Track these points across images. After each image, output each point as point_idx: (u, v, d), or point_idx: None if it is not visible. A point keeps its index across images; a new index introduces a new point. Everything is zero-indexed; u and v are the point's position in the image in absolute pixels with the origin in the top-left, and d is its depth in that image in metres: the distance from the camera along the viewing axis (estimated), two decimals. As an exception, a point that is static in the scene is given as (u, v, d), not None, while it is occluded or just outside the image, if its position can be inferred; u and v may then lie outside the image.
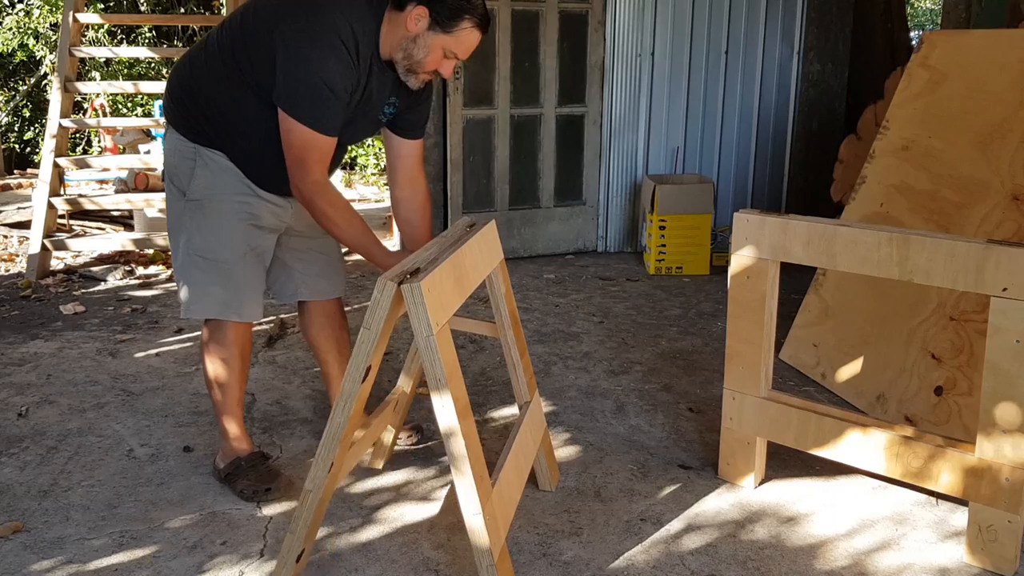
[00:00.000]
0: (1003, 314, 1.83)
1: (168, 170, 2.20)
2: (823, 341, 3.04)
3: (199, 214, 2.14)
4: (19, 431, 2.63)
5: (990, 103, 2.75)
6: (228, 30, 2.10)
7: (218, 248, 2.14)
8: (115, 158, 5.76)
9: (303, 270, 2.35)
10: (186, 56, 2.22)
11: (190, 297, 2.17)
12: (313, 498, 1.80)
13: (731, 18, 4.88)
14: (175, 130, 2.17)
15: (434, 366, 1.66)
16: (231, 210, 2.14)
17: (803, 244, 2.10)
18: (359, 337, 1.72)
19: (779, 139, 5.07)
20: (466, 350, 3.36)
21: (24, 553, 1.99)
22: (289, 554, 1.83)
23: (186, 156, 2.14)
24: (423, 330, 1.64)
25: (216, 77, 2.09)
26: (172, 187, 2.20)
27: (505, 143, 4.77)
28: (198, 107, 2.12)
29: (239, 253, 2.16)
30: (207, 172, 2.13)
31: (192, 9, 9.73)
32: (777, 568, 1.95)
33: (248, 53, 2.03)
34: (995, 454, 1.89)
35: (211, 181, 2.13)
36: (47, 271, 4.53)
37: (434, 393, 1.68)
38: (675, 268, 4.54)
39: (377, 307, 1.68)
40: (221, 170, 2.13)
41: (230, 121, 2.10)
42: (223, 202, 2.14)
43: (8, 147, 9.88)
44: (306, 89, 1.94)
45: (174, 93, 2.18)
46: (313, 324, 2.42)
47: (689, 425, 2.70)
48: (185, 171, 2.15)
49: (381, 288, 1.66)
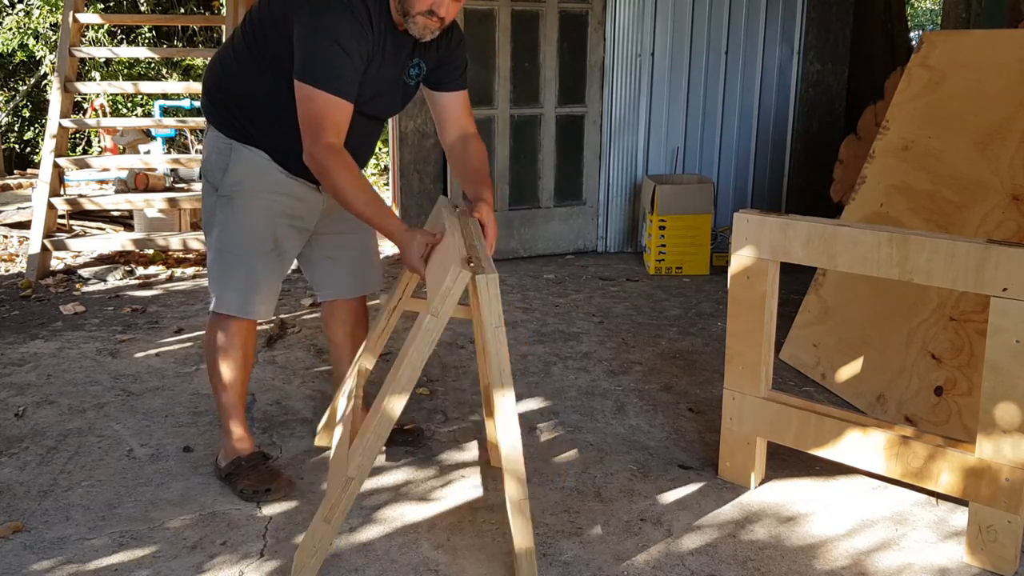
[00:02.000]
0: (1003, 314, 1.83)
1: (204, 166, 2.22)
2: (823, 341, 3.04)
3: (228, 208, 2.16)
4: (19, 431, 2.63)
5: (990, 103, 2.75)
6: (249, 24, 2.12)
7: (242, 242, 2.16)
8: (115, 158, 5.76)
9: (331, 268, 2.37)
10: (216, 56, 2.24)
11: (215, 291, 2.20)
12: (356, 486, 1.79)
13: (731, 18, 4.88)
14: (214, 128, 2.20)
15: (499, 356, 1.71)
16: (260, 205, 2.15)
17: (803, 244, 2.10)
18: (425, 324, 1.71)
19: (779, 139, 5.07)
20: (466, 350, 3.36)
21: (24, 553, 1.99)
22: (322, 543, 1.82)
23: (221, 152, 2.16)
24: (493, 320, 1.67)
25: (246, 70, 2.11)
26: (207, 183, 2.22)
27: (505, 143, 4.77)
28: (233, 103, 2.15)
29: (263, 249, 2.17)
30: (239, 167, 2.14)
31: (192, 9, 9.74)
32: (777, 568, 1.95)
33: (269, 39, 2.05)
34: (995, 454, 1.89)
35: (243, 177, 2.15)
36: (47, 271, 4.53)
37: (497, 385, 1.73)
38: (675, 268, 4.54)
39: (449, 295, 1.68)
40: (254, 166, 2.14)
41: (265, 111, 2.11)
42: (252, 197, 2.15)
43: (8, 147, 9.88)
44: (323, 54, 1.93)
45: (210, 93, 2.21)
46: (334, 318, 2.45)
47: (689, 425, 2.70)
48: (219, 166, 2.16)
49: (455, 276, 1.67)
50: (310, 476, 2.36)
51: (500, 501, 2.22)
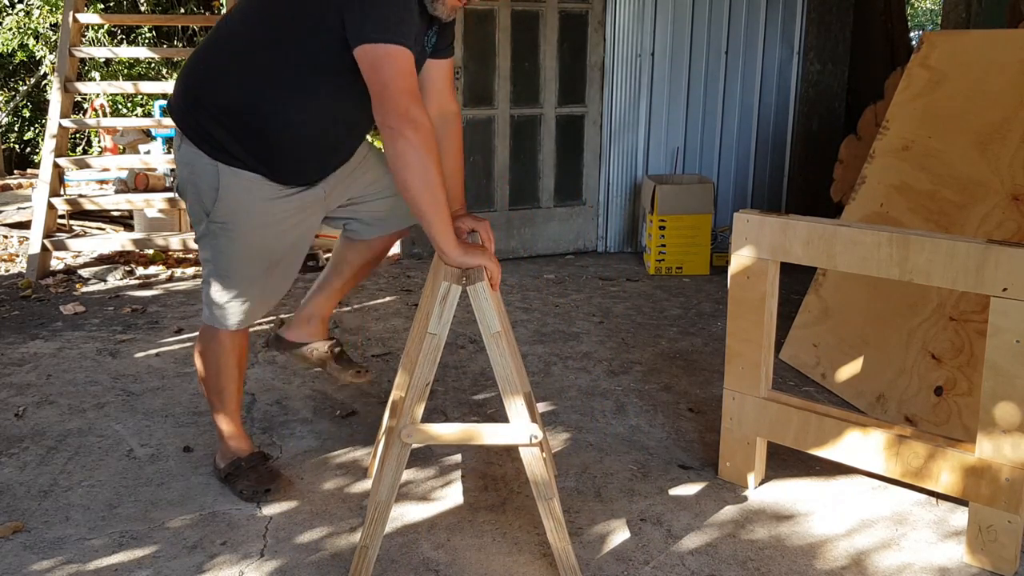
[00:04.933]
0: (1003, 314, 1.83)
1: (185, 185, 2.05)
2: (823, 341, 3.04)
3: (223, 237, 2.03)
4: (19, 431, 2.63)
5: (990, 103, 2.75)
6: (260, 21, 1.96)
7: (239, 270, 2.06)
8: (115, 158, 5.77)
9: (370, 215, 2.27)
10: (200, 65, 2.03)
11: (208, 306, 2.12)
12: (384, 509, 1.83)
13: (731, 18, 4.87)
14: (189, 142, 1.99)
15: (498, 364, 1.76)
16: (256, 239, 2.04)
17: (803, 244, 2.10)
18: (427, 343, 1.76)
19: (779, 139, 5.07)
20: (466, 350, 3.36)
21: (24, 553, 1.99)
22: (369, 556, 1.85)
23: (206, 172, 1.99)
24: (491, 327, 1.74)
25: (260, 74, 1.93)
26: (195, 204, 2.05)
27: (505, 143, 4.77)
28: (219, 116, 1.95)
29: (261, 273, 2.08)
30: (230, 194, 1.99)
31: (192, 9, 9.73)
32: (777, 568, 1.95)
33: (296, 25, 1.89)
34: (995, 454, 1.89)
35: (235, 207, 2.00)
36: (47, 271, 4.53)
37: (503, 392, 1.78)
38: (675, 268, 4.54)
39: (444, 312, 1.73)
40: (244, 190, 1.99)
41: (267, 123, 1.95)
42: (248, 233, 2.02)
43: (8, 147, 9.88)
44: (396, 15, 1.79)
45: (191, 105, 2.00)
46: (359, 245, 2.32)
47: (689, 425, 2.70)
48: (207, 187, 1.99)
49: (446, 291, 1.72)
50: (310, 476, 2.36)
51: (500, 501, 2.23)
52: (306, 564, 1.95)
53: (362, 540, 1.82)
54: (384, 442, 2.28)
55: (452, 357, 3.28)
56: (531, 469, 1.80)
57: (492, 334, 1.74)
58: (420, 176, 1.76)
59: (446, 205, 1.80)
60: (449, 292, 1.72)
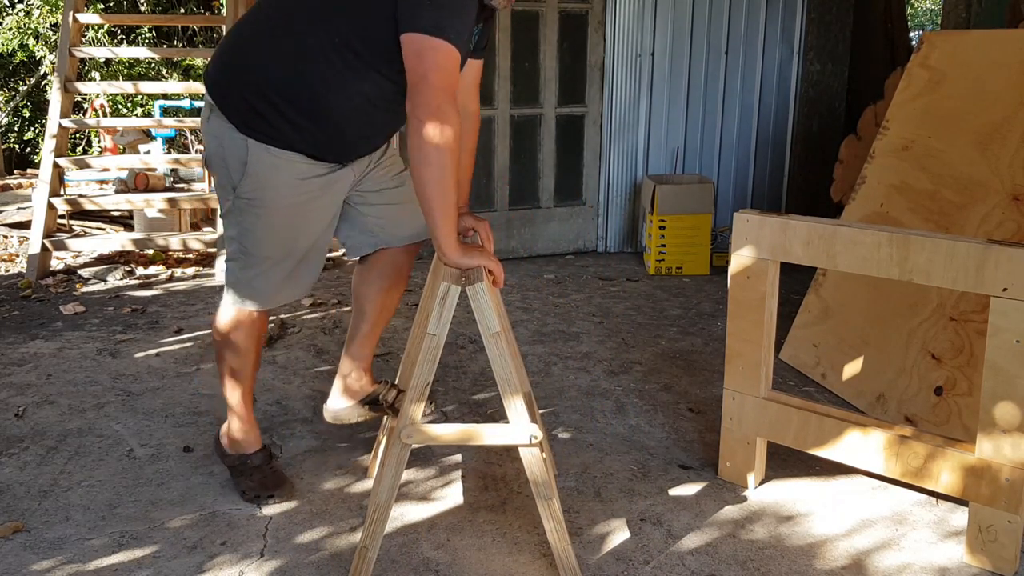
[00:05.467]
0: (1003, 314, 1.83)
1: (212, 156, 2.02)
2: (823, 341, 3.04)
3: (250, 214, 2.01)
4: (19, 431, 2.63)
5: (990, 103, 2.75)
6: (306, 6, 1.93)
7: (264, 249, 2.04)
8: (115, 158, 5.76)
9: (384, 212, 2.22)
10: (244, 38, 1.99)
11: (231, 284, 2.10)
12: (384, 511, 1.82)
13: (731, 18, 4.87)
14: (223, 115, 1.96)
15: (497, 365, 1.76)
16: (285, 218, 2.02)
17: (803, 244, 2.10)
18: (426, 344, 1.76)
19: (779, 139, 5.07)
20: (466, 350, 3.36)
21: (24, 553, 1.99)
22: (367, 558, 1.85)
23: (236, 145, 1.96)
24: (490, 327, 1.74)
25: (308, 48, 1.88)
26: (222, 178, 2.03)
27: (505, 143, 4.77)
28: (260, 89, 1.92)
29: (285, 252, 2.07)
30: (259, 171, 1.96)
31: (192, 9, 9.74)
32: (777, 568, 1.95)
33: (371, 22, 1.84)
34: (995, 454, 1.89)
35: (263, 182, 1.97)
36: (47, 271, 4.53)
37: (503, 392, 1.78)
38: (675, 268, 4.54)
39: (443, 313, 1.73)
40: (272, 167, 1.96)
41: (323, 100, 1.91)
42: (276, 211, 2.00)
43: (8, 147, 9.89)
44: (454, 10, 1.76)
45: (231, 77, 1.97)
46: (373, 270, 2.27)
47: (689, 425, 2.70)
48: (235, 165, 1.97)
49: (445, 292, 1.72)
50: (310, 476, 2.36)
51: (500, 501, 2.23)
52: (306, 564, 1.95)
53: (362, 540, 1.82)
54: (384, 442, 2.29)
55: (452, 357, 3.28)
56: (531, 469, 1.80)
57: (492, 334, 1.74)
58: (436, 174, 1.74)
59: (454, 207, 1.79)
60: (449, 292, 1.72)
